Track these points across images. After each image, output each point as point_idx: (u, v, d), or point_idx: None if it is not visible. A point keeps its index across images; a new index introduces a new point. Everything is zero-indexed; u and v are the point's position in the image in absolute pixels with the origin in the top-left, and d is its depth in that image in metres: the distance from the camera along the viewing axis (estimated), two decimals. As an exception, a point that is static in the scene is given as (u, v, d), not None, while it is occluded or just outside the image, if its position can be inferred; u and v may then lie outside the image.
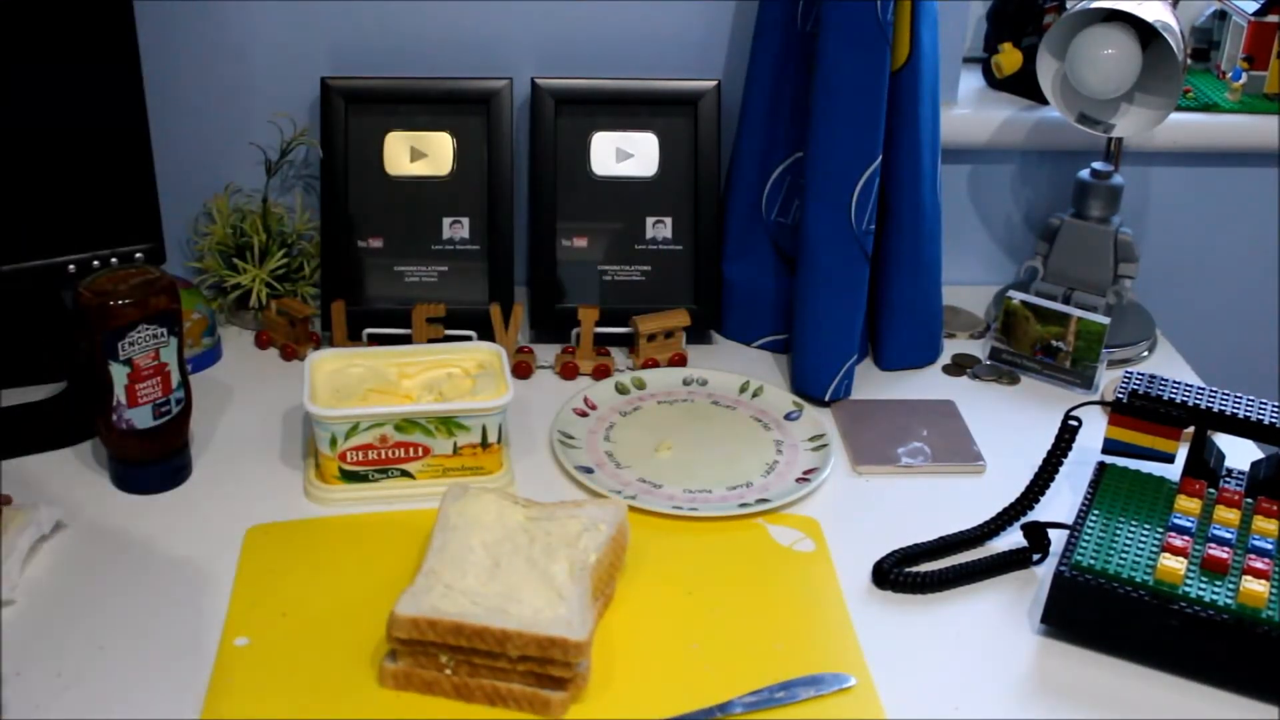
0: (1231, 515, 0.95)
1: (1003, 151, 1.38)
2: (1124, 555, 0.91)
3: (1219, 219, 1.44)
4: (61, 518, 0.97)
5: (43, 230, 1.08)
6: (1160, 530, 0.94)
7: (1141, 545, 0.92)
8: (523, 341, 1.26)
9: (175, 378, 1.01)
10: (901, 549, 0.98)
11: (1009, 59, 1.37)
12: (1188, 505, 0.95)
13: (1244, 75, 1.38)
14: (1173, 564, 0.89)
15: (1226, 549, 0.90)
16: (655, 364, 1.22)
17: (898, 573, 0.96)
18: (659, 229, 1.27)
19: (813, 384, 1.18)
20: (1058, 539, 1.00)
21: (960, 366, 1.26)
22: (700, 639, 0.90)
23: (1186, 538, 0.92)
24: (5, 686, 0.83)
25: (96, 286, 0.97)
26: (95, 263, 1.09)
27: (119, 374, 0.98)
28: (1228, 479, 1.00)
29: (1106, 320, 1.21)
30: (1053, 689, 0.88)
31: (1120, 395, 1.01)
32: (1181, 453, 1.00)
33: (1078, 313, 1.21)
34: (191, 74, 1.24)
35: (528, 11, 1.26)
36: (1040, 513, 1.02)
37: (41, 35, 1.03)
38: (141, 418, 1.00)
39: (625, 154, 1.26)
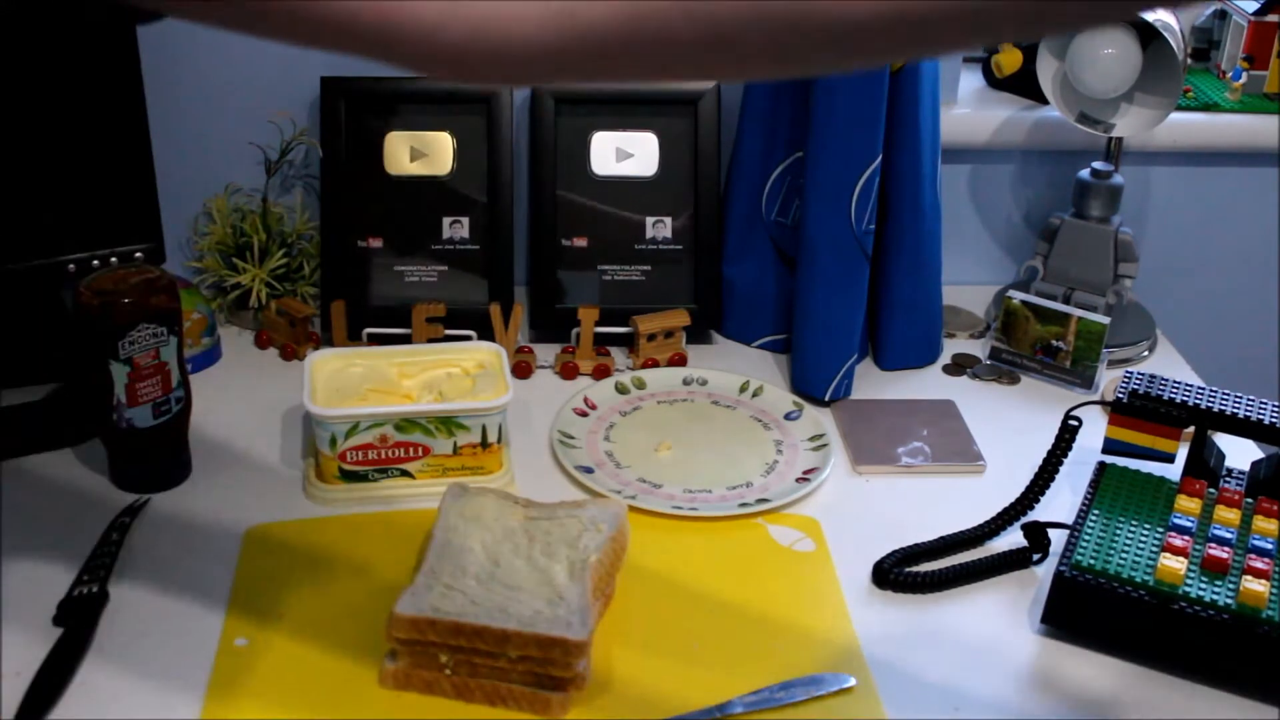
0: (1231, 515, 0.95)
1: (1003, 151, 1.38)
2: (1124, 555, 0.91)
3: (1219, 219, 1.44)
4: None
5: (43, 230, 1.08)
6: (1160, 530, 0.94)
7: (1141, 545, 0.92)
8: (523, 341, 1.26)
9: (175, 377, 1.01)
10: (901, 549, 0.98)
11: (1009, 59, 1.37)
12: (1188, 505, 0.95)
13: (1244, 75, 1.38)
14: (1173, 564, 0.89)
15: (1226, 549, 0.90)
16: (655, 364, 1.22)
17: (898, 573, 0.96)
18: (659, 229, 1.27)
19: (813, 384, 1.18)
20: (1058, 539, 1.00)
21: (960, 366, 1.26)
22: (700, 639, 0.90)
23: (1186, 538, 0.91)
24: (4, 686, 0.83)
25: (96, 286, 0.97)
26: (95, 263, 1.09)
27: (119, 373, 0.98)
28: (1228, 479, 1.00)
29: (1106, 320, 1.21)
30: (1053, 689, 0.88)
31: (1120, 395, 1.01)
32: (1181, 453, 1.00)
33: (1078, 312, 1.21)
34: (191, 74, 1.24)
35: (528, 11, 1.26)
36: (1040, 513, 1.02)
37: (41, 35, 1.03)
38: (141, 417, 1.00)
39: (625, 154, 1.26)
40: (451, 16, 0.53)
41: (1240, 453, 1.09)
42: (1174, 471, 1.01)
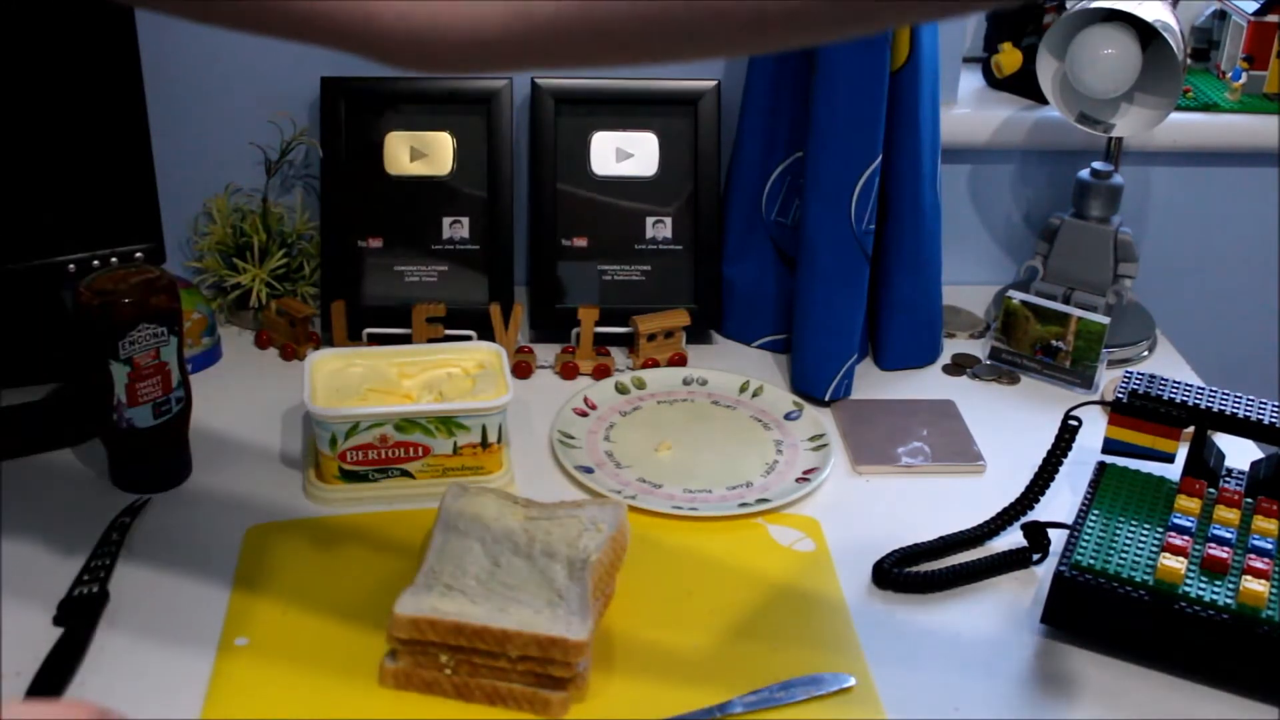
0: (1231, 515, 0.95)
1: (1003, 151, 1.38)
2: (1124, 555, 0.91)
3: (1219, 219, 1.44)
4: None
5: (43, 230, 1.08)
6: (1160, 530, 0.94)
7: (1141, 545, 0.92)
8: (523, 341, 1.26)
9: (175, 377, 1.01)
10: (901, 549, 0.98)
11: (1009, 59, 1.37)
12: (1188, 505, 0.95)
13: (1244, 75, 1.38)
14: (1173, 564, 0.89)
15: (1226, 549, 0.90)
16: (655, 364, 1.22)
17: (898, 573, 0.96)
18: (659, 229, 1.27)
19: (813, 384, 1.18)
20: (1058, 539, 1.00)
21: (960, 366, 1.26)
22: (700, 639, 0.90)
23: (1186, 537, 0.91)
24: (4, 686, 0.83)
25: (96, 286, 0.97)
26: (95, 263, 1.09)
27: (119, 373, 0.98)
28: (1228, 479, 1.00)
29: (1106, 320, 1.21)
30: (1053, 689, 0.88)
31: (1120, 395, 1.01)
32: (1181, 453, 1.00)
33: (1078, 313, 1.21)
34: (191, 74, 1.24)
35: (528, 11, 1.26)
36: (1040, 513, 1.02)
37: (42, 35, 1.03)
38: (142, 417, 1.00)
39: (625, 154, 1.26)
40: (413, 6, 0.56)
41: (1240, 453, 1.09)
42: (1174, 471, 1.01)
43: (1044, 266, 1.31)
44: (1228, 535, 0.92)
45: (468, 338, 1.20)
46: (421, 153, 1.24)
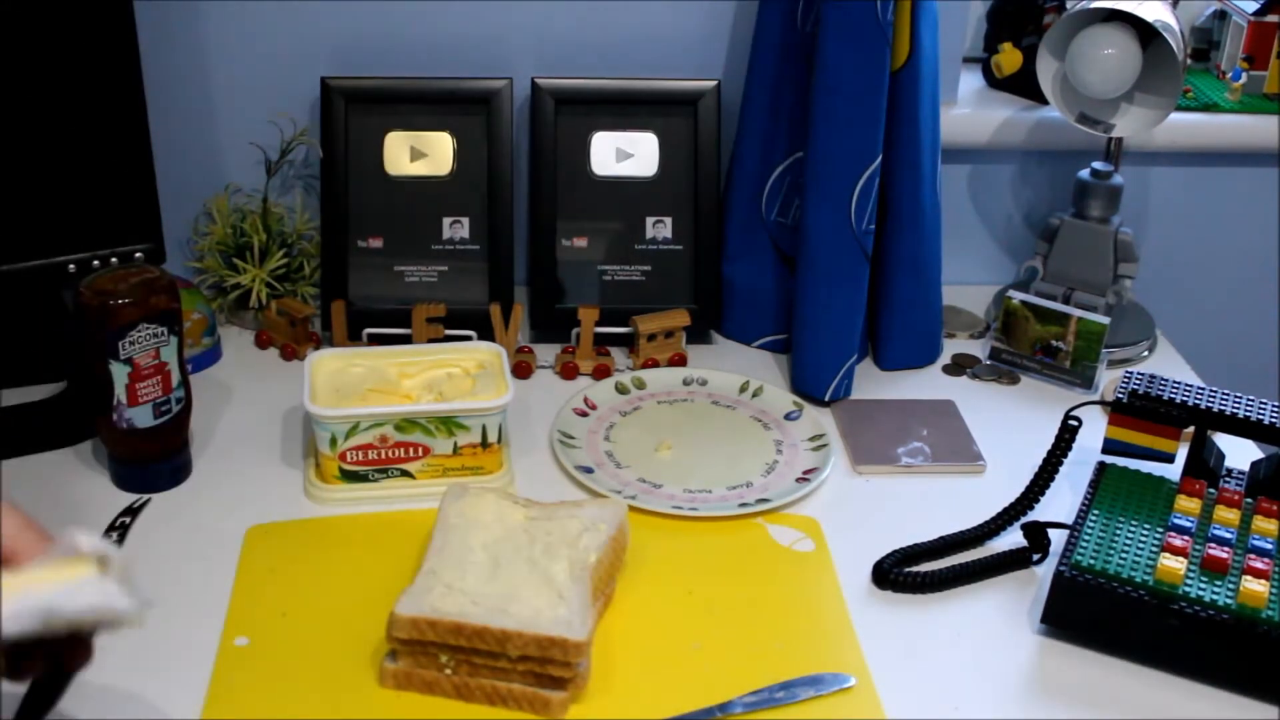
0: (1231, 515, 0.95)
1: (1003, 151, 1.38)
2: (1124, 555, 0.91)
3: (1219, 219, 1.44)
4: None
5: (43, 230, 1.08)
6: (1160, 530, 0.94)
7: (1141, 545, 0.92)
8: (523, 341, 1.26)
9: (175, 377, 1.01)
10: (901, 549, 0.98)
11: (1009, 59, 1.37)
12: (1188, 505, 0.95)
13: (1244, 75, 1.38)
14: (1173, 564, 0.89)
15: (1226, 549, 0.90)
16: (655, 364, 1.22)
17: (898, 573, 0.96)
18: (659, 229, 1.27)
19: (813, 384, 1.18)
20: (1058, 539, 1.00)
21: (960, 366, 1.26)
22: (700, 639, 0.90)
23: (1186, 538, 0.92)
24: (4, 686, 0.83)
25: (96, 286, 0.97)
26: (95, 263, 1.09)
27: (119, 373, 0.98)
28: (1228, 479, 1.00)
29: (1106, 320, 1.21)
30: (1053, 689, 0.88)
31: (1120, 395, 1.01)
32: (1181, 453, 1.00)
33: (1078, 313, 1.21)
34: (191, 74, 1.24)
35: (528, 11, 1.26)
36: (1040, 513, 1.02)
37: (42, 35, 1.03)
38: (142, 417, 1.00)
39: (625, 154, 1.26)
40: None
41: (1240, 453, 1.09)
42: (1174, 471, 1.01)
43: (1044, 266, 1.31)
44: (1228, 535, 0.92)
45: (468, 338, 1.20)
46: (421, 153, 1.24)
